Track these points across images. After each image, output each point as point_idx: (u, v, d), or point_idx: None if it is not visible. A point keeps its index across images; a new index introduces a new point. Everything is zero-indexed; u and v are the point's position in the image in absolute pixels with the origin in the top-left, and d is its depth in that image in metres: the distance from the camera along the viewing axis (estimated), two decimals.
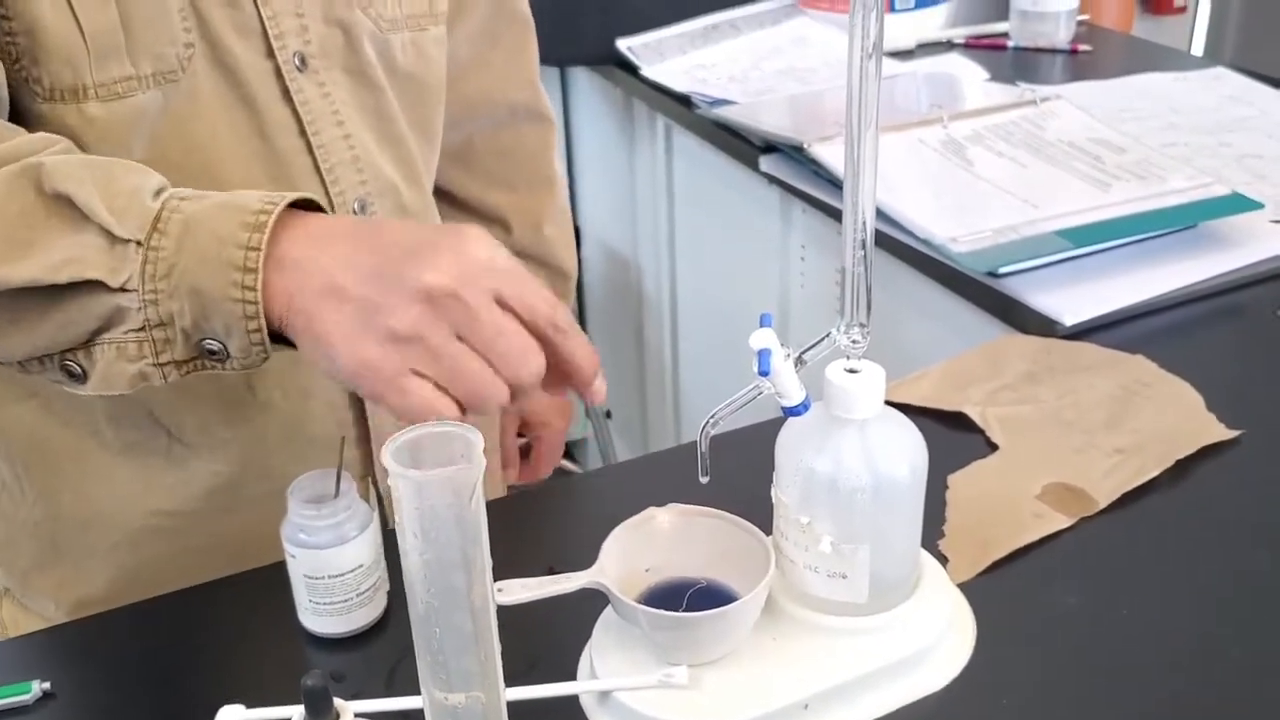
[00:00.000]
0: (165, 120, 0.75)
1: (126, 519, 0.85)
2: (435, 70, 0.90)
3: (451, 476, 0.44)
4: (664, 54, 1.65)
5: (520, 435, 1.11)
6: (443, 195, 1.02)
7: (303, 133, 0.80)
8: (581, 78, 1.94)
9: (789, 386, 0.64)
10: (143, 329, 0.64)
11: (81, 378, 0.67)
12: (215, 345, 0.64)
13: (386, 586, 0.75)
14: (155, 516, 0.85)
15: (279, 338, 0.64)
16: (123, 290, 0.63)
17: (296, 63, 0.79)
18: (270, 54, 0.78)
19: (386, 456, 0.45)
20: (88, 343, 0.65)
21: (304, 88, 0.80)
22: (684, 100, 1.55)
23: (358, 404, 0.88)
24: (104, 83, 0.73)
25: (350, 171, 0.83)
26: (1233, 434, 0.86)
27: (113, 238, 0.63)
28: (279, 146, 0.80)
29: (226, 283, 0.62)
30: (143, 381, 0.66)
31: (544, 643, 0.70)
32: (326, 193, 0.82)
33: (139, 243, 0.63)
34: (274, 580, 0.75)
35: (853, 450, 0.64)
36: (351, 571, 0.71)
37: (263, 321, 0.62)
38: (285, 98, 0.79)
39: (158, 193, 0.65)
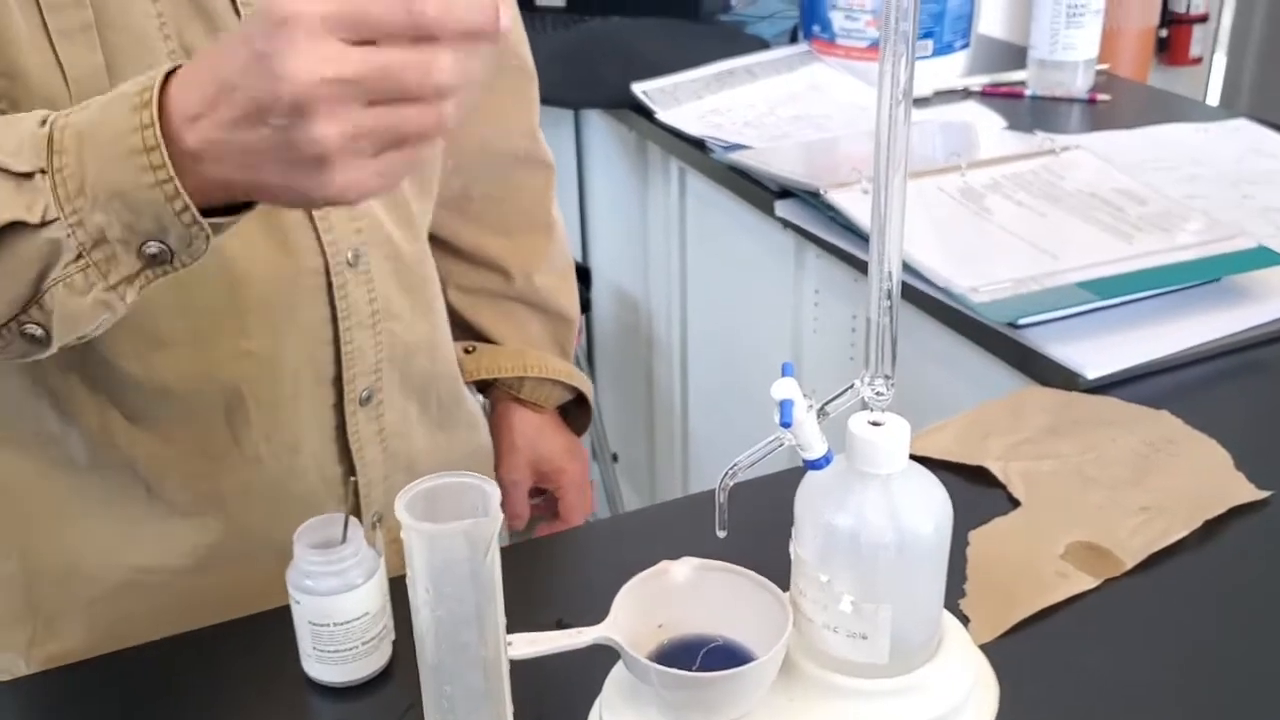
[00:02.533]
0: None
1: (105, 573, 0.82)
2: None
3: (467, 530, 0.42)
4: (679, 98, 1.65)
5: (540, 491, 1.08)
6: (438, 243, 1.00)
7: None
8: (596, 121, 1.93)
9: (811, 439, 0.62)
10: (80, 256, 0.61)
11: (44, 339, 0.64)
12: (156, 247, 0.61)
13: (392, 636, 0.73)
14: (134, 572, 0.82)
15: (219, 211, 0.61)
16: (46, 224, 0.60)
17: None
18: None
19: (399, 508, 0.43)
20: (36, 295, 0.63)
21: None
22: (698, 144, 1.54)
23: (346, 460, 0.86)
24: None
25: (345, 220, 0.81)
26: (1263, 494, 0.84)
27: (16, 176, 0.60)
28: None
29: (136, 169, 0.59)
30: (105, 311, 0.63)
31: (552, 698, 0.68)
32: (319, 241, 0.79)
33: (42, 171, 0.60)
34: (278, 626, 0.73)
35: (876, 506, 0.62)
36: (357, 619, 0.69)
37: (186, 198, 0.59)
38: None
39: (44, 120, 0.62)
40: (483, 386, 1.06)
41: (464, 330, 1.05)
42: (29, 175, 0.60)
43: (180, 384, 0.78)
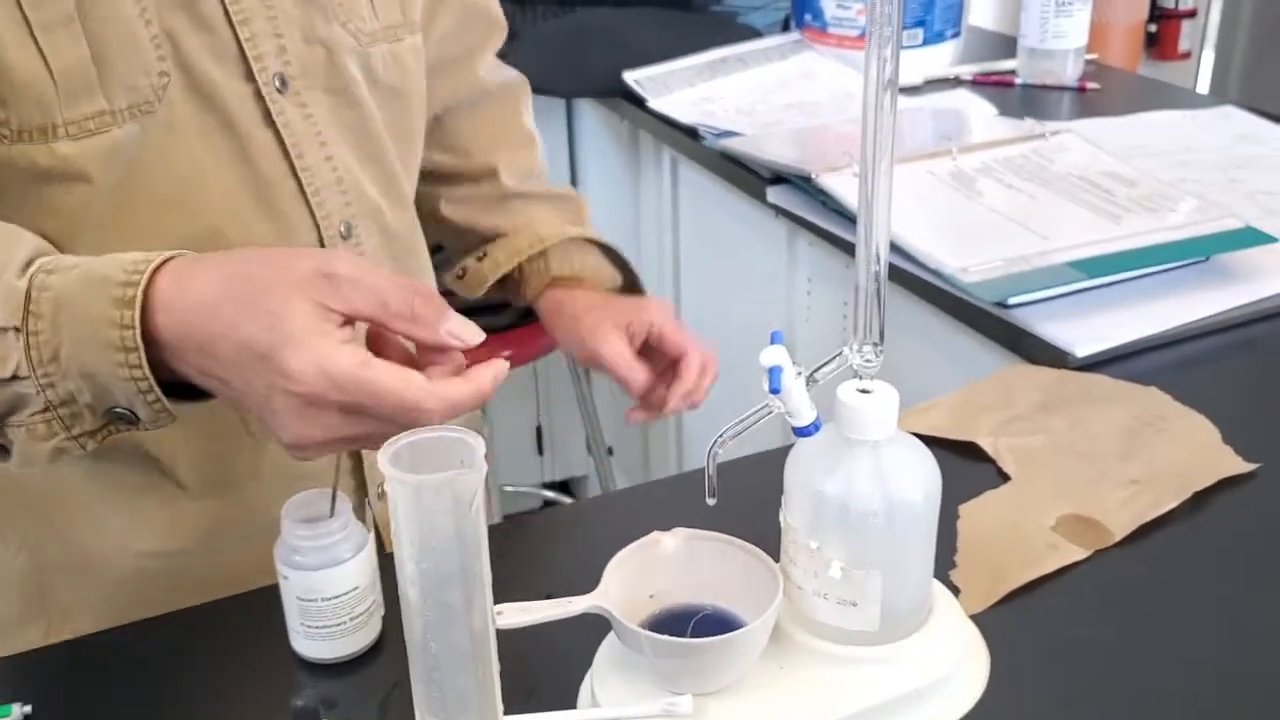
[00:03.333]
0: (145, 153, 0.72)
1: (117, 562, 0.82)
2: (415, 80, 0.88)
3: (451, 481, 0.42)
4: (670, 87, 1.65)
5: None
6: (423, 175, 0.97)
7: (286, 156, 0.77)
8: (587, 110, 1.93)
9: (800, 405, 0.62)
10: (47, 409, 0.62)
11: (5, 454, 0.66)
12: (123, 412, 0.63)
13: (381, 611, 0.73)
14: (145, 558, 0.82)
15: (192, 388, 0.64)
16: (16, 378, 0.61)
17: (277, 84, 0.77)
18: (250, 77, 0.75)
19: (383, 461, 0.43)
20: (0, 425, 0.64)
21: (285, 109, 0.77)
22: (690, 132, 1.54)
23: None
24: (75, 120, 0.70)
25: (335, 194, 0.80)
26: (1250, 467, 0.84)
27: None
28: (263, 172, 0.77)
29: (112, 364, 0.60)
30: (61, 455, 0.65)
31: (543, 670, 0.68)
32: (313, 216, 0.79)
33: (16, 329, 0.61)
34: (266, 604, 0.72)
35: (865, 473, 0.62)
36: (345, 594, 0.69)
37: (159, 393, 0.61)
38: (267, 121, 0.76)
39: (25, 267, 0.63)
40: (513, 296, 1.01)
41: (464, 248, 1.02)
42: (3, 329, 0.61)
43: None
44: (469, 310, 2.03)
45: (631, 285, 1.04)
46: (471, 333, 0.62)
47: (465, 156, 1.02)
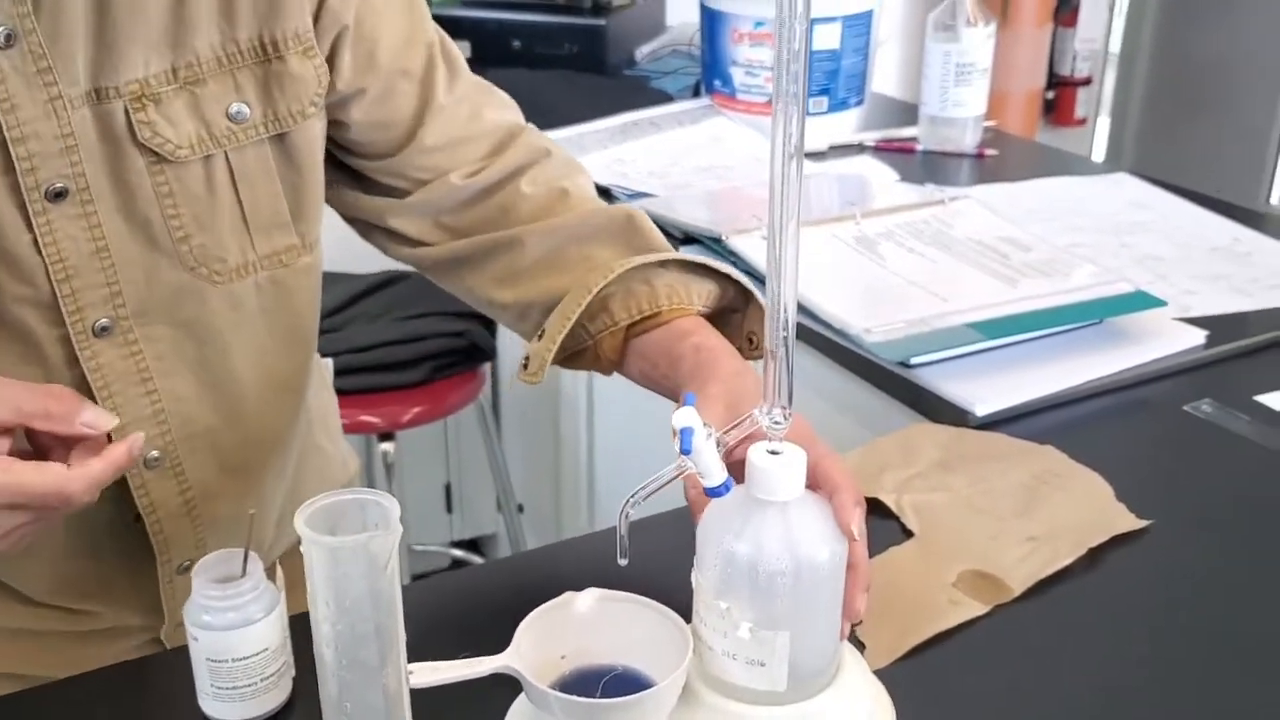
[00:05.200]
0: None
1: None
2: (303, 294, 0.86)
3: (366, 543, 0.43)
4: (585, 148, 1.67)
5: None
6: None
7: (92, 395, 0.77)
8: None
9: (710, 466, 0.63)
10: None
11: None
12: None
13: (292, 673, 0.72)
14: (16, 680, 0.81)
15: None
16: None
17: (96, 330, 0.76)
18: (61, 323, 0.75)
19: (299, 523, 0.43)
20: None
21: (101, 352, 0.77)
22: (604, 193, 1.56)
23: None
24: None
25: (149, 425, 0.80)
26: (1142, 523, 0.87)
27: None
28: None
29: None
30: None
31: None
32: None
33: None
34: (176, 665, 0.72)
35: (774, 533, 0.64)
36: (256, 655, 0.69)
37: None
38: (73, 362, 0.77)
39: None
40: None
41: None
42: None
43: None
44: (385, 367, 1.99)
45: (736, 301, 0.83)
46: (105, 420, 0.70)
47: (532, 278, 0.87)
